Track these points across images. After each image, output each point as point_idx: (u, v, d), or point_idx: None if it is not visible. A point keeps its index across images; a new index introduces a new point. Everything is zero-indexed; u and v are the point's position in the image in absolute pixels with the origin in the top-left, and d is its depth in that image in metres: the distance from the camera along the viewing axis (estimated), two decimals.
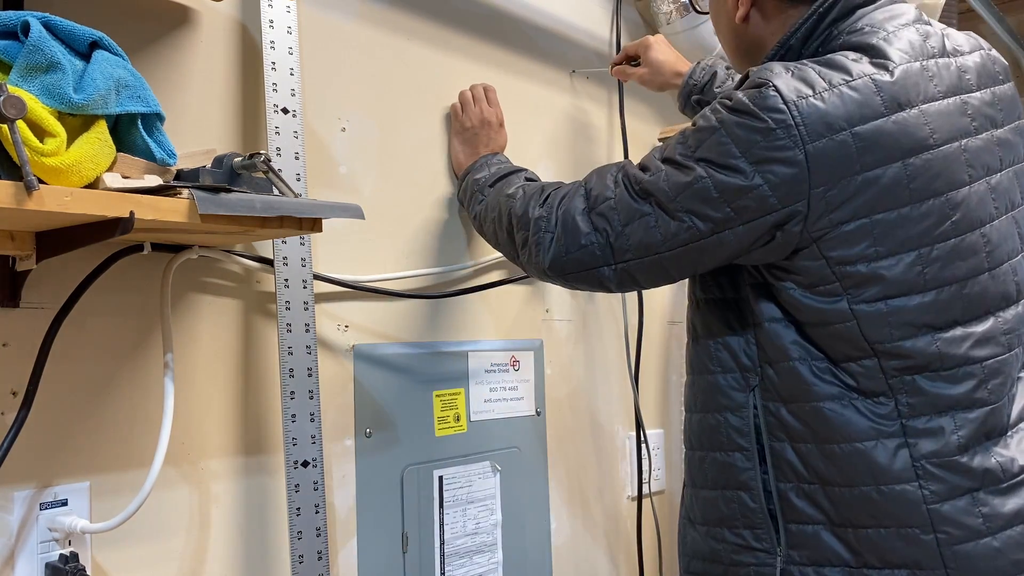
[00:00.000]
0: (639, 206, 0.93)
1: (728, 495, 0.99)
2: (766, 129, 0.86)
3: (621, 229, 0.94)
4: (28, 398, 0.84)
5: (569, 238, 0.97)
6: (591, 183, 0.99)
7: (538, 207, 1.02)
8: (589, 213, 0.96)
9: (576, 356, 1.56)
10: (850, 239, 0.87)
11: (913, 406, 0.89)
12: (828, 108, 0.85)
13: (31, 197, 0.66)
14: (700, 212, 0.90)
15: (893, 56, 0.88)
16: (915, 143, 0.86)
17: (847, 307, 0.89)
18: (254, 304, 1.07)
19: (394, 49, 1.27)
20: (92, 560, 0.90)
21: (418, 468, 1.24)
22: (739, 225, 0.89)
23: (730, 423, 0.98)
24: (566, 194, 1.00)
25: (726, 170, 0.88)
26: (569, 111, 1.58)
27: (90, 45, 0.74)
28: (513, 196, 1.08)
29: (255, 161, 0.83)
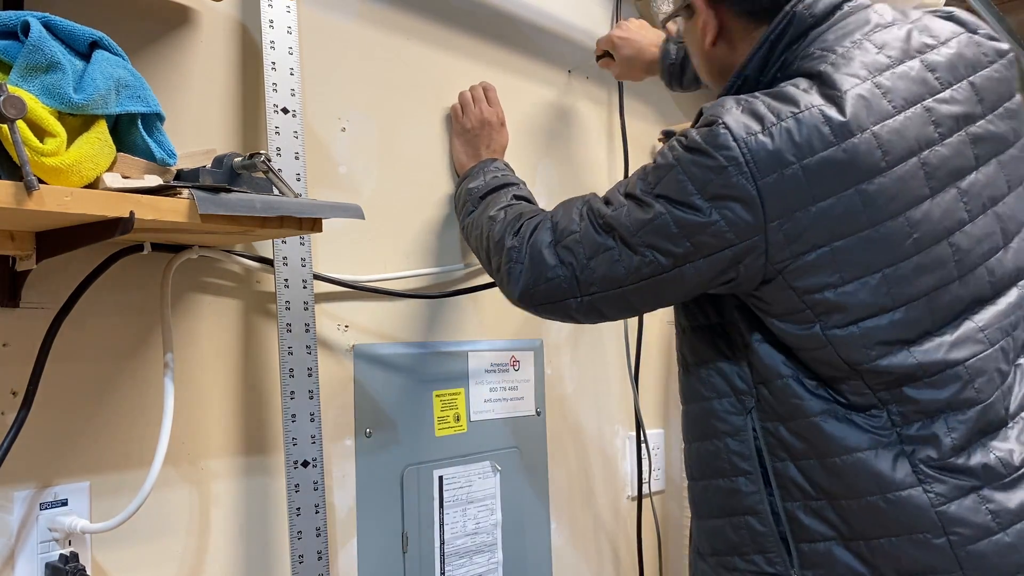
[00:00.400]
0: (603, 240, 0.94)
1: (735, 521, 0.98)
2: (719, 167, 0.87)
3: (586, 263, 0.95)
4: (28, 398, 0.84)
5: (537, 270, 0.98)
6: (557, 216, 1.00)
7: (511, 236, 1.03)
8: (555, 246, 0.98)
9: (576, 356, 1.56)
10: (813, 269, 0.88)
11: (904, 415, 0.89)
12: (777, 143, 0.85)
13: (31, 197, 0.66)
14: (661, 247, 0.91)
15: (841, 84, 0.87)
16: (867, 169, 0.86)
17: (820, 333, 0.89)
18: (254, 304, 1.07)
19: (394, 49, 1.27)
20: (92, 560, 0.90)
21: (418, 468, 1.24)
22: (699, 259, 0.90)
23: (730, 448, 0.98)
24: (536, 225, 1.01)
25: (683, 207, 0.89)
26: (569, 111, 1.58)
27: (90, 45, 0.74)
28: (494, 219, 1.09)
29: (255, 161, 0.83)
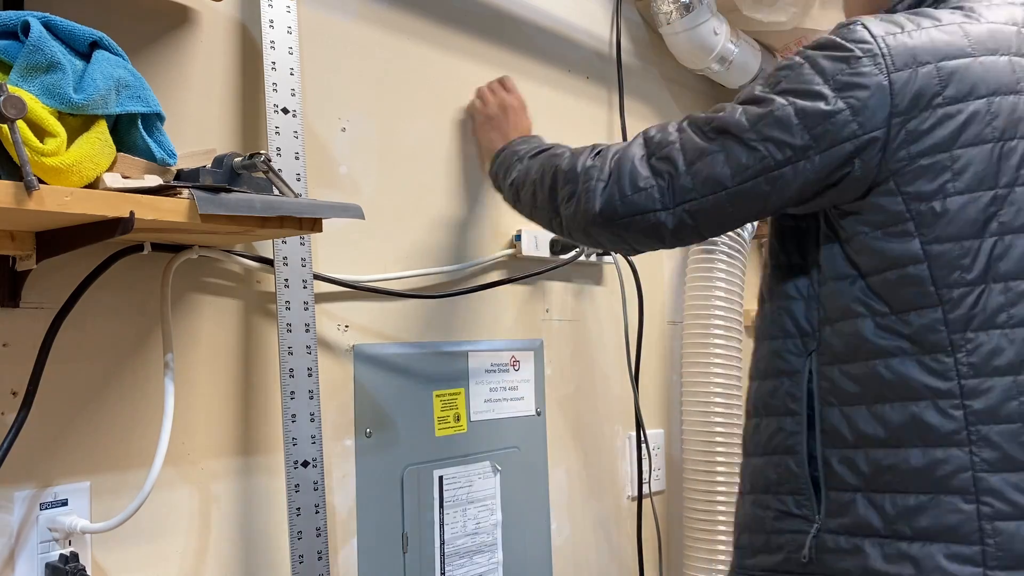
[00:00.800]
0: (708, 144, 0.92)
1: (775, 460, 0.98)
2: (851, 57, 0.88)
3: (686, 168, 0.92)
4: (28, 398, 0.84)
5: (625, 182, 0.95)
6: (650, 132, 0.98)
7: (590, 159, 1.00)
8: (649, 159, 0.95)
9: (576, 356, 1.56)
10: (928, 173, 0.87)
11: (973, 365, 0.86)
12: (915, 42, 0.88)
13: (31, 197, 0.66)
14: (778, 139, 0.89)
15: (987, 15, 0.90)
16: (1001, 84, 0.88)
17: (919, 247, 0.88)
18: (254, 304, 1.07)
19: (394, 49, 1.27)
20: (92, 560, 0.90)
21: (418, 468, 1.24)
22: (816, 154, 0.88)
23: (785, 388, 0.98)
24: (622, 146, 0.99)
25: (808, 96, 0.88)
26: (569, 111, 1.58)
27: (90, 45, 0.74)
28: (560, 155, 1.05)
29: (255, 161, 0.83)
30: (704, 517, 1.67)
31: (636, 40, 1.76)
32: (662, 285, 1.79)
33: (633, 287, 1.61)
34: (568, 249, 1.47)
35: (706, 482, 1.67)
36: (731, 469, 1.67)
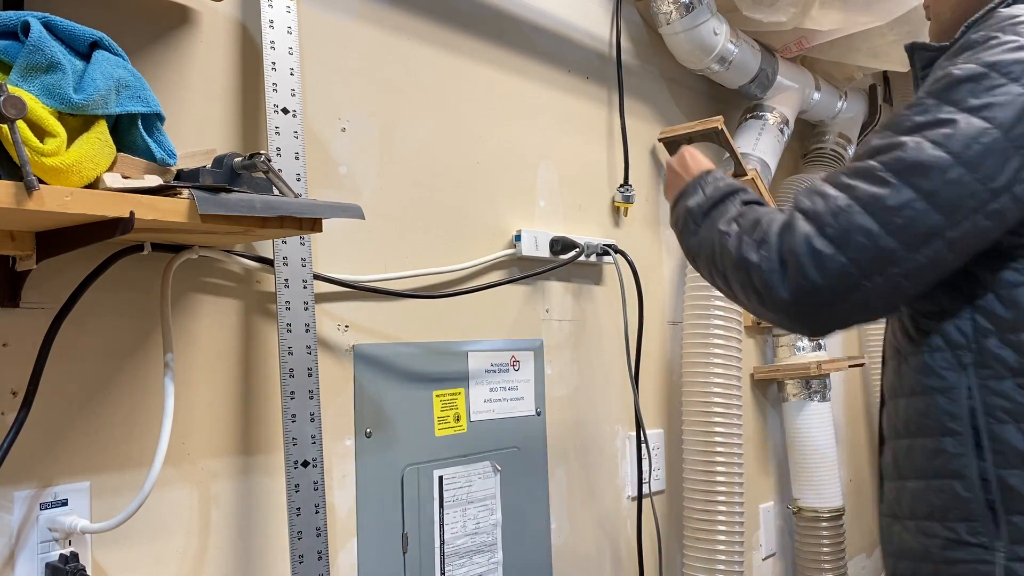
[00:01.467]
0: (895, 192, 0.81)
1: (938, 484, 0.91)
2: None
3: (879, 229, 0.81)
4: (28, 398, 0.84)
5: (804, 269, 0.84)
6: (803, 204, 0.87)
7: (754, 249, 0.89)
8: (822, 234, 0.83)
9: (576, 356, 1.56)
10: None
11: None
12: None
13: (31, 197, 0.66)
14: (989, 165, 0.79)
15: None
16: None
17: None
18: (254, 304, 1.07)
19: (394, 49, 1.27)
20: (92, 560, 0.90)
21: (418, 468, 1.24)
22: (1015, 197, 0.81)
23: (939, 405, 0.91)
24: (784, 224, 0.88)
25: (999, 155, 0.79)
26: (569, 111, 1.58)
27: (90, 45, 0.74)
28: (727, 234, 0.94)
29: (255, 161, 0.83)
30: (704, 517, 1.67)
31: (636, 40, 1.76)
32: (662, 285, 1.79)
33: (633, 287, 1.61)
34: (568, 249, 1.47)
35: (706, 482, 1.67)
36: (731, 469, 1.67)
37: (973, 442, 0.89)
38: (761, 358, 2.07)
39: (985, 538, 0.88)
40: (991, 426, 0.88)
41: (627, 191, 1.66)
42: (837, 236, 0.82)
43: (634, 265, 1.59)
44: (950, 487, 0.90)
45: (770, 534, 2.06)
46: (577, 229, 1.57)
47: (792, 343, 2.02)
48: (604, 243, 1.55)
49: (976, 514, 0.88)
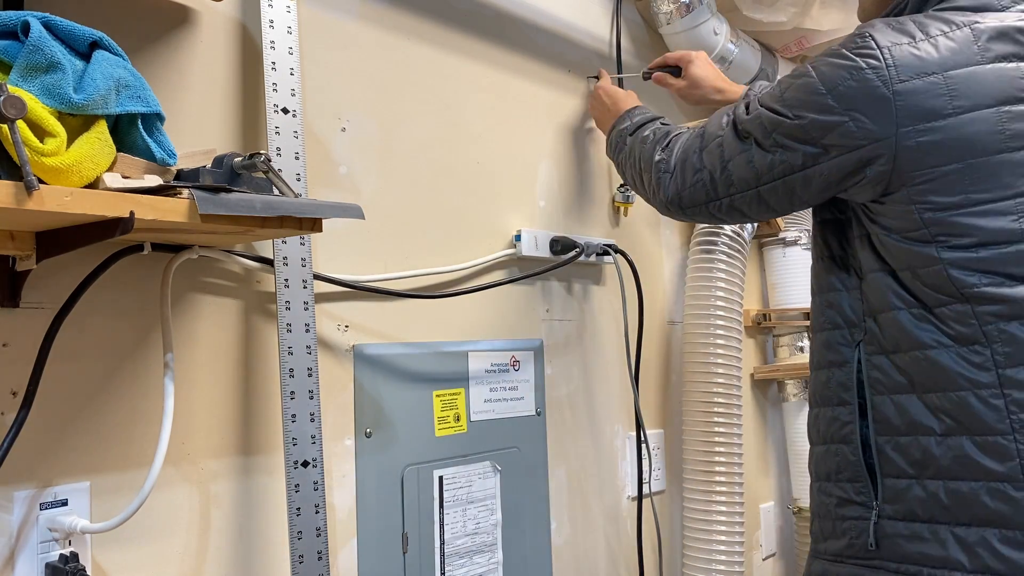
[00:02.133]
0: (740, 144, 1.00)
1: (833, 449, 1.02)
2: (855, 67, 0.89)
3: (724, 164, 1.01)
4: (28, 398, 0.84)
5: (683, 176, 1.06)
6: (709, 124, 1.06)
7: (660, 151, 1.11)
8: (702, 152, 1.04)
9: (576, 356, 1.56)
10: (941, 185, 0.88)
11: (1009, 355, 0.87)
12: (921, 54, 0.87)
13: (31, 197, 0.66)
14: (791, 147, 0.95)
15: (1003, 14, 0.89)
16: (1012, 92, 0.86)
17: (935, 253, 0.89)
18: (254, 304, 1.07)
19: (394, 49, 1.27)
20: (92, 560, 0.90)
21: (418, 468, 1.24)
22: (827, 160, 0.93)
23: (836, 378, 1.01)
24: (687, 137, 1.08)
25: (814, 108, 0.92)
26: (569, 110, 1.58)
27: (90, 45, 0.74)
28: (645, 140, 1.17)
29: (255, 161, 0.83)
30: (704, 517, 1.67)
31: (636, 40, 1.76)
32: (662, 285, 1.79)
33: (633, 287, 1.61)
34: (568, 249, 1.47)
35: (706, 482, 1.67)
36: (731, 469, 1.67)
37: (859, 412, 0.99)
38: (761, 358, 2.07)
39: (866, 497, 0.98)
40: (873, 397, 0.97)
41: (627, 191, 1.66)
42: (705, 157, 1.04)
43: (634, 265, 1.59)
44: (842, 451, 1.01)
45: (770, 534, 2.06)
46: (577, 229, 1.57)
47: (792, 343, 2.02)
48: (604, 243, 1.55)
49: (860, 475, 0.98)
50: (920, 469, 0.92)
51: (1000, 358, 0.87)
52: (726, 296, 1.71)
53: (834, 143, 0.92)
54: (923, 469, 0.92)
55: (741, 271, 1.76)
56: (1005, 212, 0.87)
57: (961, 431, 0.89)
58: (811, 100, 0.93)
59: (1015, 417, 0.86)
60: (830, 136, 0.92)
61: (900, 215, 0.92)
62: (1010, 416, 0.86)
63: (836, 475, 1.02)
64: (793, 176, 0.96)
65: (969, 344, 0.89)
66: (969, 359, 0.89)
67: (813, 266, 1.08)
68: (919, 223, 0.90)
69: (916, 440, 0.93)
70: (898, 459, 0.94)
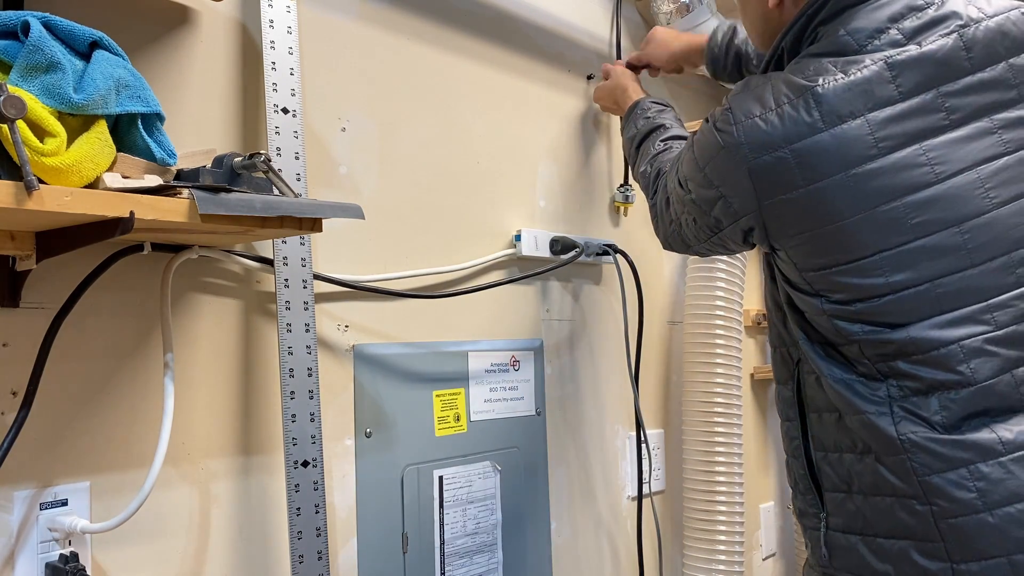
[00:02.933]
0: (681, 205, 1.05)
1: (792, 463, 1.07)
2: (717, 145, 0.94)
3: (680, 221, 1.07)
4: (28, 398, 0.84)
5: (664, 225, 1.13)
6: (668, 176, 1.10)
7: (651, 196, 1.17)
8: (668, 205, 1.10)
9: (576, 356, 1.56)
10: (810, 249, 0.92)
11: (902, 388, 0.91)
12: (767, 128, 0.90)
13: (31, 197, 0.66)
14: (698, 218, 1.02)
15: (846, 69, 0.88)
16: (857, 154, 0.87)
17: (819, 305, 0.94)
18: (254, 304, 1.07)
19: (394, 49, 1.27)
20: (92, 560, 0.90)
21: (418, 468, 1.24)
22: (722, 230, 1.00)
23: (782, 395, 1.07)
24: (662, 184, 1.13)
25: (699, 183, 0.98)
26: (569, 110, 1.58)
27: (90, 45, 0.74)
28: (644, 175, 1.21)
29: (255, 161, 0.83)
30: (704, 517, 1.66)
31: (636, 40, 1.76)
32: (662, 285, 1.79)
33: (633, 287, 1.61)
34: (568, 249, 1.47)
35: (706, 482, 1.67)
36: (731, 469, 1.67)
37: (801, 429, 1.03)
38: (761, 358, 2.07)
39: (816, 509, 1.02)
40: (809, 415, 1.01)
41: (627, 191, 1.66)
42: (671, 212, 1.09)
43: (634, 265, 1.59)
44: (794, 465, 1.05)
45: (770, 534, 2.06)
46: (577, 229, 1.57)
47: None
48: (604, 243, 1.55)
49: (810, 489, 1.02)
50: (848, 484, 0.97)
51: (894, 390, 0.91)
52: (726, 296, 1.71)
53: (719, 215, 0.98)
54: (850, 484, 0.96)
55: (741, 271, 1.76)
56: (870, 270, 0.89)
57: (872, 452, 0.93)
58: (694, 176, 0.98)
59: (904, 438, 0.89)
60: (715, 209, 0.97)
61: (788, 270, 0.97)
62: (900, 438, 0.90)
63: (795, 487, 1.07)
64: (714, 238, 1.02)
65: (869, 379, 0.93)
66: (871, 390, 0.92)
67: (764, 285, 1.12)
68: (801, 279, 0.95)
69: (842, 457, 0.97)
70: (832, 474, 0.99)
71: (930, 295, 0.88)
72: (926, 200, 0.87)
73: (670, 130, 1.25)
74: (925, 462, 0.88)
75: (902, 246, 0.88)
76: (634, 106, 1.34)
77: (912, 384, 0.90)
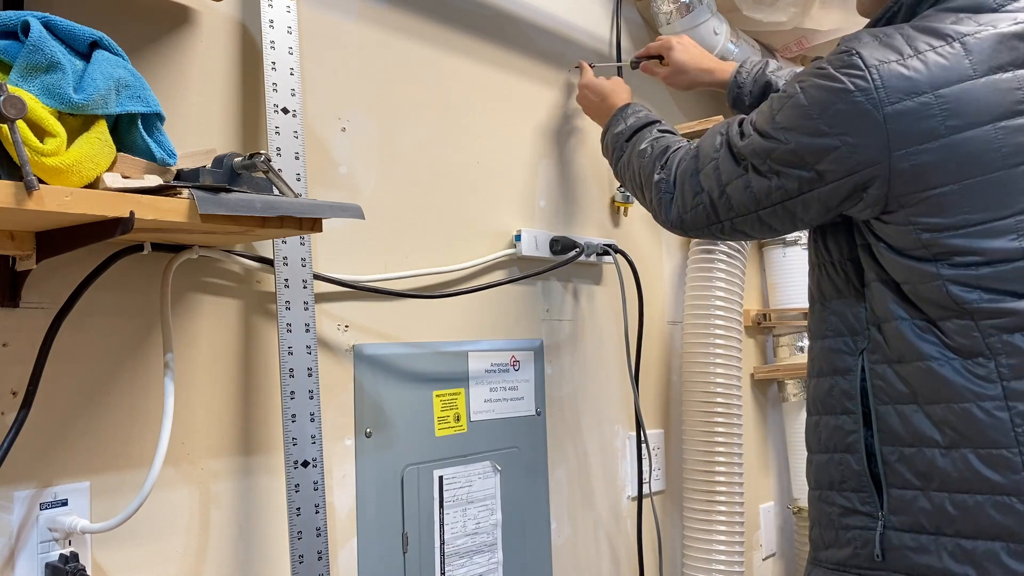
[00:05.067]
0: (736, 168, 0.98)
1: (836, 458, 1.00)
2: (844, 90, 0.87)
3: (722, 189, 0.99)
4: (28, 398, 0.84)
5: (684, 198, 1.04)
6: (703, 143, 1.04)
7: (659, 170, 1.09)
8: (699, 173, 1.02)
9: (576, 356, 1.56)
10: (937, 208, 0.87)
11: (1014, 367, 0.86)
12: (910, 72, 0.85)
13: (31, 197, 0.66)
14: (786, 173, 0.93)
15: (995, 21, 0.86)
16: (1008, 106, 0.84)
17: (935, 270, 0.89)
18: (254, 304, 1.07)
19: (394, 49, 1.27)
20: (92, 560, 0.90)
21: (418, 468, 1.24)
22: (823, 185, 0.92)
23: (840, 386, 1.00)
24: (683, 155, 1.06)
25: (806, 132, 0.90)
26: (569, 110, 1.58)
27: (90, 45, 0.74)
28: (643, 154, 1.14)
29: (255, 161, 0.83)
30: (704, 517, 1.67)
31: (636, 40, 1.76)
32: (662, 285, 1.79)
33: (633, 287, 1.61)
34: (568, 249, 1.47)
35: (706, 482, 1.67)
36: (731, 469, 1.67)
37: (863, 421, 0.97)
38: (761, 358, 2.07)
39: (871, 508, 0.96)
40: (877, 407, 0.95)
41: (627, 191, 1.65)
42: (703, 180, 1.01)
43: (634, 265, 1.59)
44: (846, 461, 0.99)
45: (770, 534, 2.06)
46: (577, 229, 1.57)
47: (792, 343, 2.02)
48: (604, 243, 1.55)
49: (865, 486, 0.97)
50: (926, 481, 0.91)
51: (1004, 370, 0.86)
52: (726, 296, 1.71)
53: (828, 168, 0.90)
54: (929, 481, 0.91)
55: (741, 271, 1.76)
56: (1004, 231, 0.86)
57: (965, 443, 0.88)
58: (802, 124, 0.91)
59: (1020, 430, 0.85)
60: (824, 161, 0.90)
61: (899, 234, 0.91)
62: (1015, 429, 0.85)
63: (840, 484, 1.00)
64: (792, 201, 0.95)
65: (973, 356, 0.88)
66: (973, 371, 0.88)
67: (812, 272, 1.07)
68: (918, 243, 0.89)
69: (921, 451, 0.91)
70: (904, 470, 0.93)
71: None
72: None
73: (664, 126, 1.22)
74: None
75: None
76: (624, 107, 1.31)
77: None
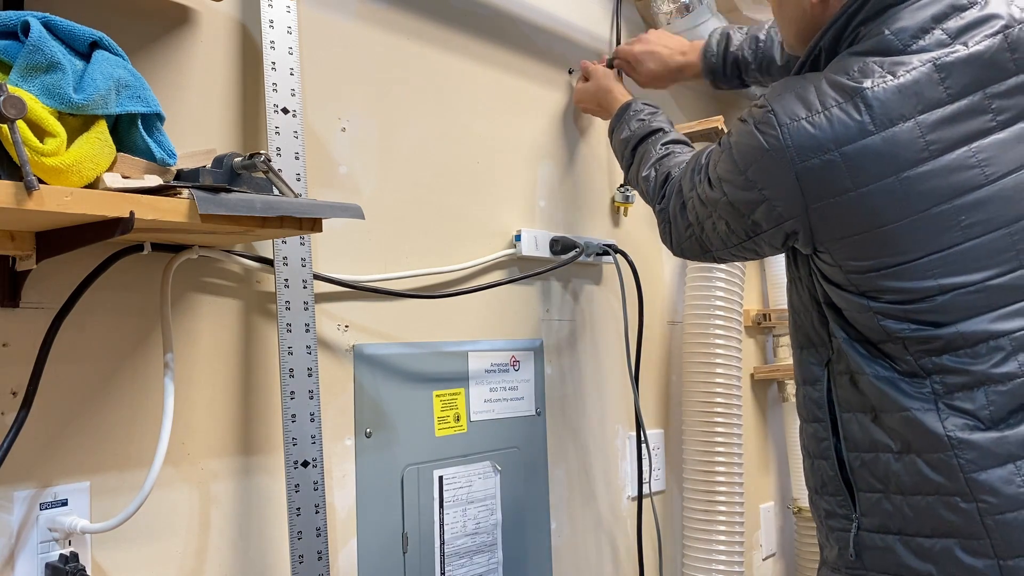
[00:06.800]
0: (705, 208, 1.03)
1: (817, 464, 1.05)
2: (761, 148, 0.92)
3: (701, 225, 1.05)
4: (28, 398, 0.84)
5: (678, 231, 1.10)
6: (683, 180, 1.08)
7: (659, 201, 1.14)
8: (684, 209, 1.07)
9: (576, 356, 1.56)
10: (858, 251, 0.91)
11: (946, 384, 0.90)
12: (815, 131, 0.89)
13: (31, 197, 0.66)
14: (732, 221, 1.00)
15: (894, 70, 0.88)
16: (908, 157, 0.87)
17: (865, 303, 0.93)
18: (254, 304, 1.07)
19: (394, 49, 1.27)
20: (92, 560, 0.90)
21: (418, 468, 1.24)
22: (762, 232, 0.97)
23: (811, 395, 1.05)
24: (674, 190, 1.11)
25: (738, 186, 0.96)
26: (569, 110, 1.58)
27: (90, 45, 0.74)
28: (648, 180, 1.19)
29: (255, 161, 0.83)
30: (704, 517, 1.67)
31: None
32: (662, 285, 1.79)
33: (633, 287, 1.61)
34: (568, 249, 1.47)
35: (706, 482, 1.67)
36: (731, 469, 1.67)
37: (831, 429, 1.01)
38: (761, 358, 2.07)
39: (847, 511, 1.01)
40: (841, 415, 1.00)
41: (627, 191, 1.66)
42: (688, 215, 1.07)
43: (634, 265, 1.59)
44: (822, 466, 1.04)
45: (770, 534, 2.06)
46: (577, 229, 1.57)
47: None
48: (604, 243, 1.55)
49: (840, 490, 1.01)
50: (885, 484, 0.96)
51: (938, 387, 0.91)
52: (726, 296, 1.71)
53: (760, 219, 0.96)
54: (887, 484, 0.95)
55: (741, 271, 1.76)
56: (921, 271, 0.89)
57: (912, 450, 0.93)
58: (734, 178, 0.96)
59: (951, 435, 0.89)
60: (755, 213, 0.96)
61: (831, 271, 0.96)
62: (947, 435, 0.90)
63: (822, 488, 1.05)
64: (747, 241, 1.01)
65: (911, 376, 0.92)
66: (912, 386, 0.92)
67: (788, 284, 1.11)
68: (847, 280, 0.94)
69: (878, 457, 0.96)
70: (867, 475, 0.98)
71: (981, 294, 0.89)
72: (977, 202, 0.88)
73: (668, 134, 1.24)
74: (972, 458, 0.88)
75: (953, 248, 0.88)
76: (624, 108, 1.32)
77: (958, 379, 0.90)
